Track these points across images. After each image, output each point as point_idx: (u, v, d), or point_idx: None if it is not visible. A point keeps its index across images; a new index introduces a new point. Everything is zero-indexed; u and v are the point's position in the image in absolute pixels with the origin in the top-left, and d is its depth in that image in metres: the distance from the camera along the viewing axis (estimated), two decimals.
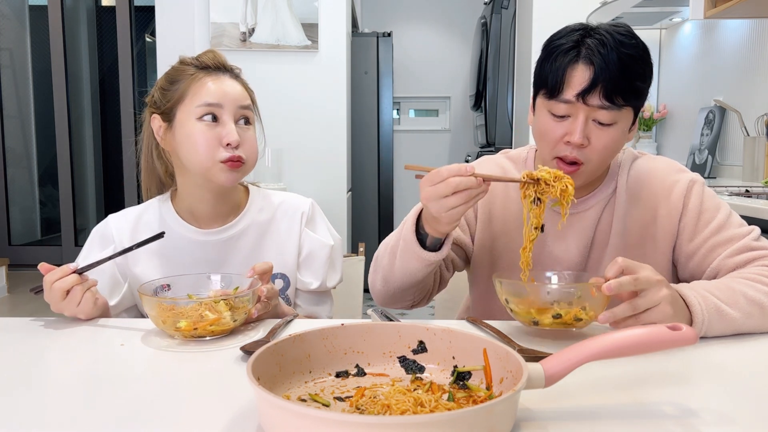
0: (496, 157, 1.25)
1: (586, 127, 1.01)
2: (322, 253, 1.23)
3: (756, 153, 2.65)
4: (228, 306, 0.91)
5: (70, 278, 0.95)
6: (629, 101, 1.01)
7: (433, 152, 5.49)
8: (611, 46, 0.99)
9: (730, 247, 1.05)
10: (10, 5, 5.05)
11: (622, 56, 0.99)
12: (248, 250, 1.19)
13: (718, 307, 0.89)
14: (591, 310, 0.86)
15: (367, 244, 4.49)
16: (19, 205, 5.14)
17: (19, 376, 0.76)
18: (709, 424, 0.62)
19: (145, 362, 0.82)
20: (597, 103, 1.00)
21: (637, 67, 1.00)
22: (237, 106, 1.12)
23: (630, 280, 0.83)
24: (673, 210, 1.10)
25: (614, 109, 1.00)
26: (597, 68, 0.98)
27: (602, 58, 0.98)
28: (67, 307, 0.96)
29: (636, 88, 1.01)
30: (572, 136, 1.01)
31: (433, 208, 0.93)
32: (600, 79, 0.98)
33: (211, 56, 1.14)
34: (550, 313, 0.86)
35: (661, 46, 3.66)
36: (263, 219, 1.22)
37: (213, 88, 1.11)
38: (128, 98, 4.41)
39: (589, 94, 0.99)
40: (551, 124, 1.04)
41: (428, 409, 0.60)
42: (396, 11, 5.38)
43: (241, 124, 1.13)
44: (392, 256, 1.08)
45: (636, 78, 1.00)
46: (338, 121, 3.56)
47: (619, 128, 1.03)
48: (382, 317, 0.95)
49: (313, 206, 1.27)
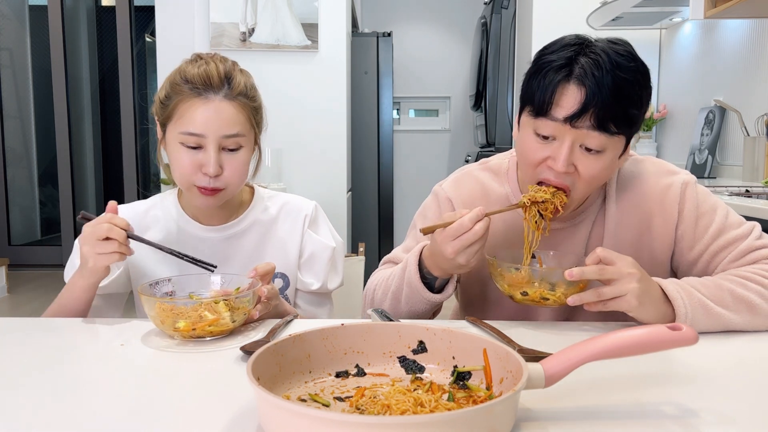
0: (474, 170, 1.18)
1: (572, 153, 0.95)
2: (324, 255, 1.23)
3: (756, 153, 2.65)
4: (228, 307, 0.91)
5: (122, 232, 0.97)
6: (622, 129, 0.93)
7: (433, 152, 5.49)
8: (607, 68, 0.91)
9: (734, 250, 1.02)
10: (10, 5, 5.05)
11: (617, 80, 0.91)
12: (250, 249, 1.20)
13: (703, 302, 0.90)
14: (560, 293, 0.93)
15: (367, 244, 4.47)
16: (19, 205, 5.14)
17: (19, 376, 0.76)
18: (709, 424, 0.62)
19: (145, 362, 0.82)
20: (586, 127, 0.92)
21: (634, 93, 0.93)
22: (221, 136, 1.07)
23: (594, 269, 0.88)
24: (669, 218, 1.06)
25: (605, 135, 0.93)
26: (589, 91, 0.91)
27: (596, 80, 0.91)
28: (98, 247, 0.96)
29: (630, 116, 0.93)
30: (556, 162, 0.95)
31: (463, 259, 0.93)
32: (592, 103, 0.91)
33: (203, 71, 1.07)
34: (519, 290, 0.95)
35: (661, 46, 3.66)
36: (266, 218, 1.22)
37: (197, 116, 1.06)
38: (128, 98, 4.42)
39: (578, 119, 0.92)
40: (535, 145, 0.98)
41: (428, 409, 0.60)
42: (396, 11, 5.38)
43: (227, 151, 1.09)
44: (395, 301, 1.07)
45: (631, 105, 0.93)
46: (338, 121, 3.56)
47: (609, 156, 0.96)
48: (382, 317, 0.95)
49: (317, 208, 1.27)
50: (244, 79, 1.12)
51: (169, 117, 1.10)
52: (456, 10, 5.35)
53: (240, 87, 1.10)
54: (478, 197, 1.14)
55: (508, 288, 0.97)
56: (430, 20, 5.39)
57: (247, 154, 1.12)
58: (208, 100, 1.07)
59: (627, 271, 0.88)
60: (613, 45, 0.96)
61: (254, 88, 1.15)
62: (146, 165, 5.35)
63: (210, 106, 1.06)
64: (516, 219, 1.11)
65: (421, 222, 1.19)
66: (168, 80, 1.11)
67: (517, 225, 1.10)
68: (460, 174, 1.20)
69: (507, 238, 1.11)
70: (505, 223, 1.12)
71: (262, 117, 1.18)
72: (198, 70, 1.08)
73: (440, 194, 1.18)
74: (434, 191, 1.21)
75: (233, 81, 1.09)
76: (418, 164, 5.47)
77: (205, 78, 1.07)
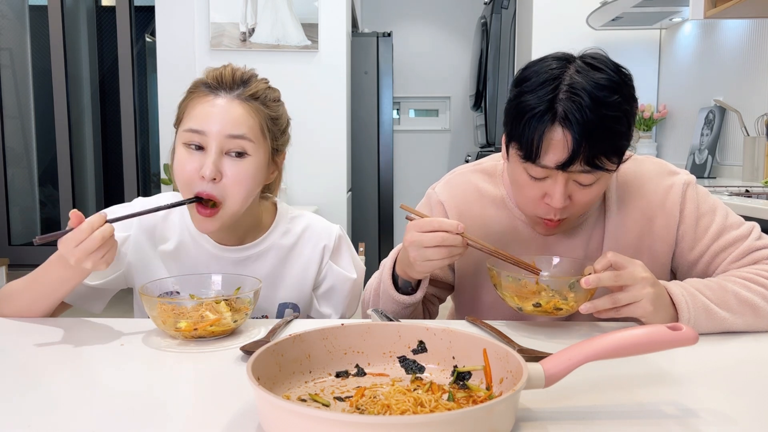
0: (467, 172, 1.17)
1: (565, 190, 0.94)
2: (345, 287, 1.18)
3: (756, 153, 2.65)
4: (229, 307, 0.91)
5: (108, 228, 0.89)
6: (612, 160, 0.93)
7: (433, 152, 5.49)
8: (590, 108, 0.88)
9: (734, 251, 1.02)
10: (10, 5, 5.05)
11: (604, 120, 0.89)
12: (265, 273, 1.13)
13: (707, 306, 0.90)
14: (572, 301, 0.89)
15: (367, 244, 4.45)
16: (19, 205, 5.14)
17: (19, 376, 0.76)
18: (709, 424, 0.62)
19: (145, 362, 0.82)
20: (578, 169, 0.92)
21: (620, 126, 0.91)
22: (224, 136, 0.99)
23: (610, 276, 0.86)
24: (670, 218, 1.06)
25: (597, 171, 0.93)
26: (575, 138, 0.88)
27: (581, 126, 0.88)
28: (94, 257, 0.88)
29: (619, 147, 0.93)
30: (552, 200, 0.95)
31: (413, 254, 0.94)
32: (580, 148, 0.89)
33: (218, 72, 1.03)
34: (530, 301, 0.91)
35: (661, 46, 3.66)
36: (286, 244, 1.15)
37: (200, 112, 1.00)
38: (128, 98, 4.41)
39: (570, 165, 0.91)
40: (529, 183, 0.97)
41: (428, 409, 0.60)
42: (396, 11, 5.38)
43: (231, 155, 1.00)
44: (376, 297, 1.09)
45: (619, 138, 0.92)
46: (338, 121, 3.56)
47: (603, 183, 0.97)
48: (382, 317, 0.95)
49: (340, 237, 1.19)
50: (264, 87, 1.06)
51: (179, 118, 1.05)
52: (456, 10, 5.35)
53: (255, 90, 1.04)
54: (471, 200, 1.13)
55: (517, 300, 0.93)
56: (430, 20, 5.39)
57: (253, 164, 1.02)
58: (218, 98, 1.01)
59: (641, 275, 0.87)
60: (593, 74, 0.91)
61: (277, 101, 1.09)
62: (146, 165, 5.35)
63: (216, 103, 1.00)
64: (511, 221, 1.11)
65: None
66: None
67: (512, 228, 1.11)
68: (452, 176, 1.18)
69: (502, 240, 1.11)
70: (501, 225, 1.11)
71: (283, 133, 1.10)
72: (215, 72, 1.04)
73: (432, 197, 1.17)
74: (427, 194, 1.19)
75: (250, 84, 1.04)
76: (418, 164, 5.47)
77: (219, 76, 1.03)
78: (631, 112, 0.94)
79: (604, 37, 3.56)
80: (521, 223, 1.10)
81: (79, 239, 0.87)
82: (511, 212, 1.11)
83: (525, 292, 0.93)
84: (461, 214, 1.12)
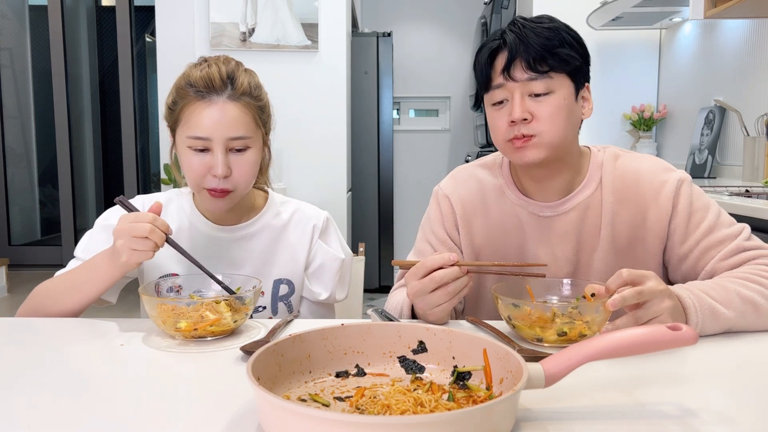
0: (470, 167, 1.24)
1: (523, 102, 1.03)
2: (333, 266, 1.24)
3: (756, 153, 2.65)
4: (229, 307, 0.91)
5: (162, 235, 0.97)
6: (554, 68, 1.02)
7: (433, 152, 5.49)
8: (527, 27, 1.04)
9: (723, 249, 1.04)
10: (10, 5, 5.06)
11: (536, 30, 1.03)
12: (260, 252, 1.21)
13: (712, 307, 0.90)
14: (594, 325, 0.85)
15: (367, 244, 4.45)
16: (19, 205, 5.14)
17: (19, 376, 0.76)
18: (709, 424, 0.62)
19: (145, 362, 0.82)
20: (523, 76, 1.02)
21: (555, 36, 1.03)
22: (227, 138, 1.08)
23: (633, 293, 0.82)
24: (663, 212, 1.09)
25: (543, 77, 1.02)
26: (513, 45, 1.02)
27: (516, 36, 1.03)
28: (135, 244, 0.95)
29: (558, 54, 1.02)
30: (513, 113, 1.03)
31: (420, 305, 0.94)
32: (516, 51, 1.02)
33: (205, 74, 1.08)
34: (554, 330, 0.85)
35: (661, 46, 3.66)
36: (277, 224, 1.23)
37: (202, 120, 1.07)
38: (128, 98, 4.42)
39: (511, 69, 1.03)
40: (494, 114, 1.07)
41: (428, 409, 0.60)
42: (396, 11, 5.38)
43: (235, 151, 1.10)
44: None
45: (555, 45, 1.02)
46: (338, 121, 3.56)
47: (560, 96, 1.04)
48: (382, 317, 0.95)
49: (328, 220, 1.27)
50: (248, 79, 1.12)
51: (177, 122, 1.11)
52: (456, 10, 5.35)
53: (244, 87, 1.10)
54: (474, 191, 1.18)
55: (539, 332, 0.86)
56: (430, 20, 5.39)
57: (255, 154, 1.12)
58: (212, 103, 1.07)
59: (659, 289, 0.85)
60: (537, 17, 1.08)
61: (259, 86, 1.15)
62: (146, 165, 5.35)
63: (214, 109, 1.07)
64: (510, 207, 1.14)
65: (426, 225, 1.23)
66: (174, 85, 1.12)
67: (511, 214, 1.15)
68: (455, 171, 1.25)
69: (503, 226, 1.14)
70: (500, 212, 1.15)
71: (270, 116, 1.19)
72: (201, 73, 1.08)
73: (438, 193, 1.22)
74: (433, 192, 1.25)
75: (236, 81, 1.10)
76: (418, 164, 5.47)
77: (208, 80, 1.08)
78: (568, 31, 1.06)
79: (604, 37, 3.56)
80: (518, 208, 1.15)
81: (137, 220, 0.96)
82: (509, 199, 1.16)
83: (530, 318, 0.87)
84: (464, 204, 1.18)
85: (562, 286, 0.98)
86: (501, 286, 0.95)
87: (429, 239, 1.20)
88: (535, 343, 0.87)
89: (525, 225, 1.14)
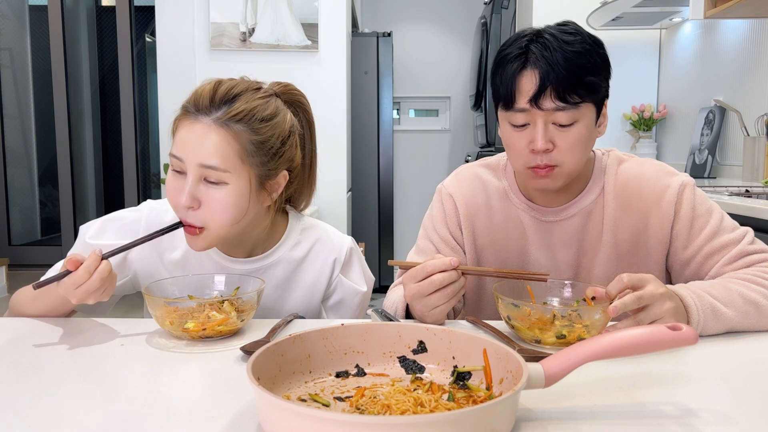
0: (473, 166, 1.23)
1: (546, 131, 1.00)
2: (354, 301, 1.17)
3: (756, 153, 2.65)
4: (233, 306, 0.91)
5: (106, 267, 0.89)
6: (584, 97, 0.99)
7: (433, 152, 5.49)
8: (554, 47, 0.98)
9: (727, 253, 1.04)
10: (10, 5, 5.05)
11: (567, 55, 0.98)
12: (274, 286, 1.12)
13: (714, 306, 0.90)
14: (593, 329, 0.85)
15: (367, 244, 4.45)
16: (19, 205, 5.14)
17: (19, 376, 0.76)
18: (709, 424, 0.62)
19: (146, 362, 0.82)
20: (551, 106, 0.98)
21: (585, 62, 0.99)
22: (197, 164, 0.95)
23: (633, 299, 0.83)
24: (665, 217, 1.08)
25: (570, 108, 0.99)
26: (543, 71, 0.98)
27: (547, 61, 0.98)
28: (95, 295, 0.90)
29: (588, 83, 0.99)
30: (535, 143, 1.00)
31: (417, 306, 0.94)
32: (548, 81, 0.97)
33: (198, 91, 0.99)
34: (553, 332, 0.85)
35: (661, 46, 3.66)
36: (295, 256, 1.13)
37: (180, 137, 0.97)
38: (128, 98, 4.41)
39: (540, 98, 0.98)
40: (514, 135, 1.04)
41: (428, 409, 0.60)
42: (396, 11, 5.38)
43: (207, 183, 0.96)
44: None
45: (586, 73, 0.99)
46: (338, 121, 3.56)
47: (583, 125, 1.01)
48: (382, 317, 0.95)
49: (351, 250, 1.18)
50: (251, 107, 0.98)
51: (173, 135, 1.04)
52: (456, 10, 5.35)
53: (237, 113, 0.96)
54: (477, 191, 1.18)
55: (538, 333, 0.86)
56: (430, 20, 5.39)
57: (233, 192, 0.96)
58: (196, 122, 0.96)
59: (659, 292, 0.85)
60: (561, 26, 1.03)
61: (268, 120, 0.99)
62: (146, 165, 5.35)
63: (193, 129, 0.96)
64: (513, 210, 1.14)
65: (429, 223, 1.22)
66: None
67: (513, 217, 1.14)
68: (459, 170, 1.25)
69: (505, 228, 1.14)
70: (503, 214, 1.15)
71: (277, 156, 1.01)
72: (195, 91, 1.00)
73: (442, 192, 1.22)
74: (437, 190, 1.24)
75: (232, 105, 0.97)
76: (418, 164, 5.47)
77: (197, 97, 0.98)
78: (597, 52, 1.02)
79: (604, 37, 3.53)
80: (521, 212, 1.15)
81: (78, 283, 0.88)
82: (512, 202, 1.16)
83: (529, 320, 0.87)
84: (468, 204, 1.18)
85: (563, 288, 0.99)
86: (502, 285, 0.95)
87: (431, 237, 1.20)
88: (533, 344, 0.88)
89: (527, 229, 1.14)
